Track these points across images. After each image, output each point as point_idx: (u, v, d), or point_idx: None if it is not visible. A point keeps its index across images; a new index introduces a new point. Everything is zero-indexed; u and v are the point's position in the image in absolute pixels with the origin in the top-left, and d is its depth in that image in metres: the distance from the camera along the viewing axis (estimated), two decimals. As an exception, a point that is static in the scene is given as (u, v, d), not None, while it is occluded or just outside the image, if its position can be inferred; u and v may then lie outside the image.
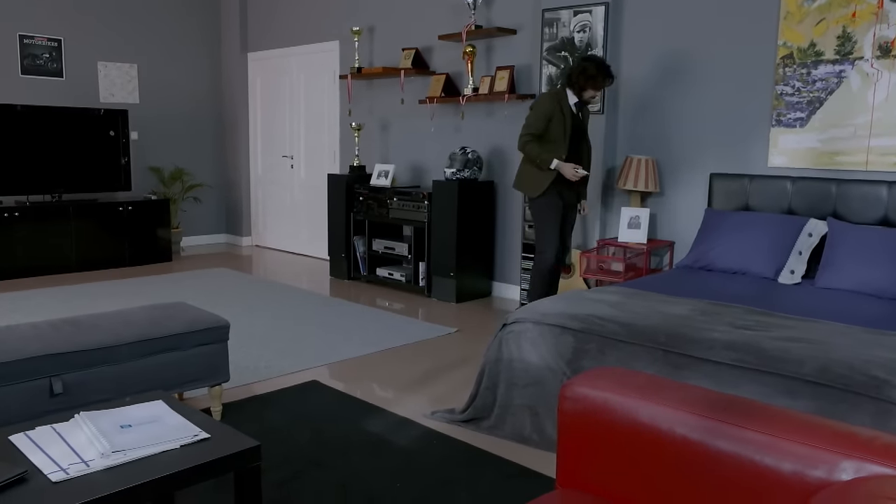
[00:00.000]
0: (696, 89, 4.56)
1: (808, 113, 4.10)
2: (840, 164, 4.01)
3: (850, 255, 3.55)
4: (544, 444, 2.89)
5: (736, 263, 3.88)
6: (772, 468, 1.42)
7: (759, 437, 1.45)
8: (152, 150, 7.76)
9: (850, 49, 3.92)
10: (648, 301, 3.12)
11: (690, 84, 4.58)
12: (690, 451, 1.55)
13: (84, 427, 1.85)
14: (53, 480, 1.61)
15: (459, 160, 5.46)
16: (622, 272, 4.63)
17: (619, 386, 1.70)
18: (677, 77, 4.64)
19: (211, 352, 3.03)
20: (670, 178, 4.73)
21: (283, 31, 7.57)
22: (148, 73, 7.66)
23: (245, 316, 4.95)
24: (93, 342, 2.70)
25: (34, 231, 6.28)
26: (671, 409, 1.59)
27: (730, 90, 4.42)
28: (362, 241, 6.27)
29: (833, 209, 3.90)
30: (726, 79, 4.42)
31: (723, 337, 2.55)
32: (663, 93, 4.71)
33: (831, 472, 1.36)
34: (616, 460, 1.67)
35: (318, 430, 3.04)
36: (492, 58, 5.66)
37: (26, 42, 6.83)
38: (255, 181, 8.24)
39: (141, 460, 1.72)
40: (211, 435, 1.86)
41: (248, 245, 8.31)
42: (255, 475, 1.83)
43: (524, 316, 2.99)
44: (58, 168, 6.57)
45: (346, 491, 2.51)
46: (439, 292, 5.60)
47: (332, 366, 3.94)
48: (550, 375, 2.89)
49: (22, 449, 1.76)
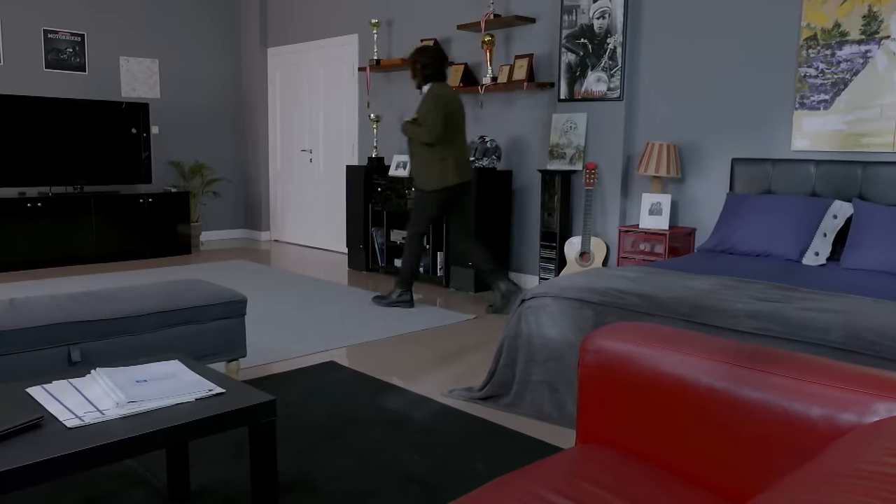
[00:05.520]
0: (717, 73, 4.51)
1: (833, 95, 4.03)
2: (866, 145, 3.93)
3: (877, 235, 3.47)
4: (564, 420, 2.84)
5: (759, 246, 3.81)
6: (800, 414, 1.38)
7: (787, 383, 1.41)
8: (173, 144, 7.82)
9: (877, 28, 3.85)
10: (670, 277, 3.07)
11: (711, 68, 4.53)
12: (716, 401, 1.50)
13: (100, 381, 1.85)
14: (69, 426, 1.60)
15: (479, 149, 5.44)
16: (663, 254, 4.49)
17: (642, 338, 1.67)
18: (698, 61, 4.59)
19: (228, 326, 3.03)
20: (691, 163, 4.67)
21: (302, 25, 7.60)
22: (169, 68, 7.72)
23: (264, 303, 4.96)
24: (112, 312, 2.70)
25: (56, 222, 6.34)
26: (695, 359, 1.55)
27: (752, 73, 4.36)
28: (380, 232, 6.26)
29: (859, 192, 3.83)
30: (748, 62, 4.36)
31: (747, 307, 2.50)
32: (684, 77, 4.66)
33: (863, 415, 1.32)
34: (638, 414, 1.64)
35: (335, 405, 3.02)
36: (510, 47, 5.64)
37: (51, 37, 6.91)
38: (273, 176, 8.27)
39: (156, 411, 1.71)
40: (226, 390, 1.85)
41: (266, 239, 8.34)
42: (270, 430, 1.81)
43: (544, 291, 2.96)
44: (80, 160, 6.64)
45: (363, 461, 2.49)
46: (458, 282, 5.57)
47: (349, 348, 3.93)
48: (570, 350, 2.85)
49: (39, 399, 1.76)
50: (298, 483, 2.30)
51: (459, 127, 4.71)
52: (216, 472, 2.35)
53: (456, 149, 4.67)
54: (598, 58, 4.96)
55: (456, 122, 4.66)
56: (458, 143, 4.69)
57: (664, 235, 4.48)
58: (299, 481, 2.31)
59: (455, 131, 4.67)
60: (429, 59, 4.66)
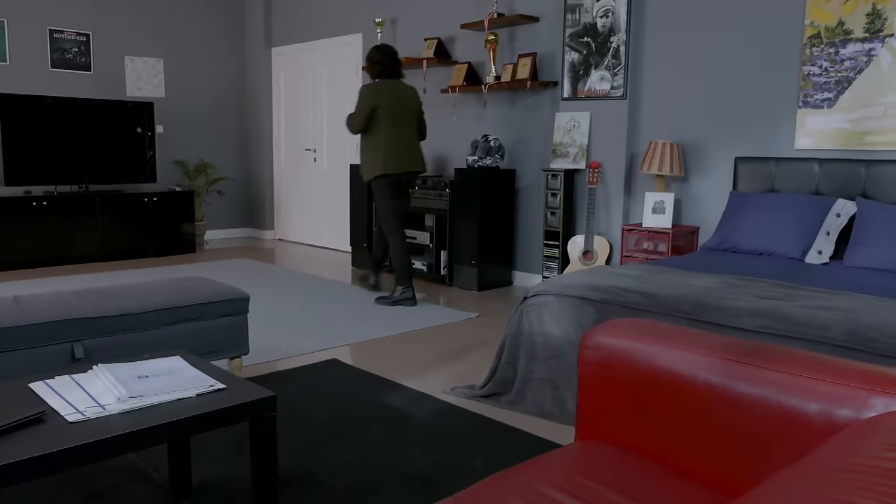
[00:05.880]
0: (720, 72, 4.50)
1: (837, 93, 4.02)
2: (870, 144, 3.92)
3: (881, 234, 3.46)
4: (565, 417, 2.85)
5: (762, 244, 3.81)
6: (797, 409, 1.38)
7: (784, 378, 1.41)
8: (177, 143, 7.85)
9: (881, 26, 3.84)
10: (672, 275, 3.07)
11: (715, 66, 4.53)
12: (713, 397, 1.51)
13: (102, 376, 1.86)
14: (70, 421, 1.61)
15: (482, 148, 5.44)
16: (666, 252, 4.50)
17: (640, 334, 1.67)
18: (701, 60, 4.58)
19: (231, 323, 3.04)
20: (695, 162, 4.67)
21: (306, 25, 7.62)
22: (174, 67, 7.75)
23: (267, 301, 4.97)
24: (115, 309, 2.71)
25: (61, 221, 6.37)
26: (692, 354, 1.55)
27: (755, 72, 4.35)
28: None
29: (862, 191, 3.82)
30: (751, 61, 4.36)
31: (749, 305, 2.50)
32: (687, 76, 4.66)
33: (860, 411, 1.32)
34: (636, 409, 1.64)
35: (337, 403, 3.03)
36: (514, 45, 5.64)
37: (56, 36, 6.94)
38: (278, 175, 8.29)
39: (156, 406, 1.72)
40: (227, 385, 1.86)
41: (270, 238, 8.36)
42: (271, 425, 1.82)
43: (546, 288, 2.96)
44: (85, 159, 6.66)
45: (365, 458, 2.49)
46: (461, 281, 5.58)
47: (352, 346, 3.94)
48: (571, 348, 2.85)
49: (41, 394, 1.77)
50: (300, 479, 2.31)
51: (400, 118, 4.86)
52: (218, 468, 2.36)
53: (393, 139, 4.84)
54: (601, 56, 4.96)
55: (395, 114, 4.84)
56: (397, 133, 4.86)
57: (667, 234, 4.48)
58: (301, 477, 2.32)
59: (392, 123, 4.83)
60: (380, 56, 4.92)
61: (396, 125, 4.85)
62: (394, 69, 4.95)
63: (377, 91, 4.81)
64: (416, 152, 4.97)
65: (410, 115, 4.93)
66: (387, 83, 4.89)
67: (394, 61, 4.95)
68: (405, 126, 4.90)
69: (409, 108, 4.92)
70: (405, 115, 4.90)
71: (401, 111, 4.87)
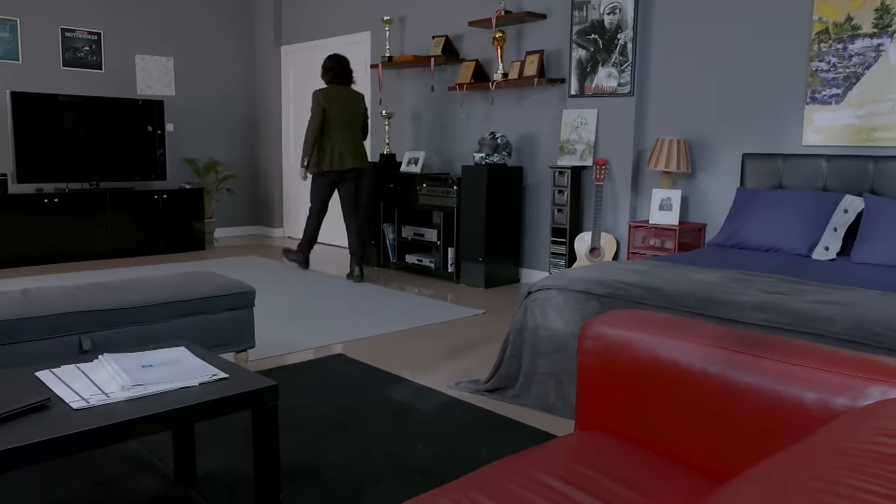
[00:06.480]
0: (728, 68, 4.49)
1: (845, 89, 4.00)
2: (878, 140, 3.90)
3: (888, 230, 3.45)
4: (568, 411, 2.85)
5: (768, 240, 3.80)
6: (795, 398, 1.38)
7: (781, 367, 1.41)
8: (187, 141, 7.89)
9: (889, 21, 3.82)
10: (677, 271, 3.07)
11: (722, 63, 4.51)
12: (711, 386, 1.51)
13: (107, 365, 1.88)
14: (74, 408, 1.63)
15: (489, 145, 5.45)
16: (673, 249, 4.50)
17: (639, 324, 1.67)
18: (709, 56, 4.57)
19: (237, 317, 3.06)
20: (702, 158, 4.66)
21: (315, 23, 7.65)
22: (184, 66, 7.80)
23: (275, 297, 5.00)
24: (122, 302, 2.74)
25: (72, 218, 6.42)
26: (690, 344, 1.56)
27: (763, 68, 4.33)
28: (392, 228, 6.28)
29: (870, 187, 3.80)
30: (759, 57, 4.34)
31: (753, 300, 2.50)
32: (694, 72, 4.65)
33: (857, 399, 1.32)
34: (635, 399, 1.64)
35: (342, 396, 3.05)
36: (521, 43, 5.65)
37: (68, 35, 7.00)
38: (287, 173, 8.32)
39: (160, 394, 1.74)
40: (230, 375, 1.87)
41: (279, 236, 8.40)
42: (273, 414, 1.83)
43: (550, 283, 2.97)
44: (96, 157, 6.72)
45: (367, 450, 2.51)
46: (468, 278, 5.59)
47: (358, 341, 3.95)
48: (574, 343, 2.85)
49: (47, 382, 1.79)
50: (303, 470, 2.33)
51: (346, 121, 5.49)
52: (223, 458, 2.38)
53: (337, 140, 5.45)
54: (608, 53, 4.96)
55: (342, 117, 5.46)
56: (341, 135, 5.47)
57: (674, 231, 4.47)
58: (304, 468, 2.34)
59: (339, 125, 5.45)
60: (333, 64, 5.54)
61: (344, 127, 5.47)
62: (344, 76, 5.57)
63: (328, 95, 5.43)
64: (360, 151, 5.59)
65: (357, 118, 5.57)
66: (337, 88, 5.50)
67: (345, 69, 5.56)
68: (352, 128, 5.53)
69: (356, 111, 5.56)
70: (353, 117, 5.53)
71: (348, 113, 5.49)
